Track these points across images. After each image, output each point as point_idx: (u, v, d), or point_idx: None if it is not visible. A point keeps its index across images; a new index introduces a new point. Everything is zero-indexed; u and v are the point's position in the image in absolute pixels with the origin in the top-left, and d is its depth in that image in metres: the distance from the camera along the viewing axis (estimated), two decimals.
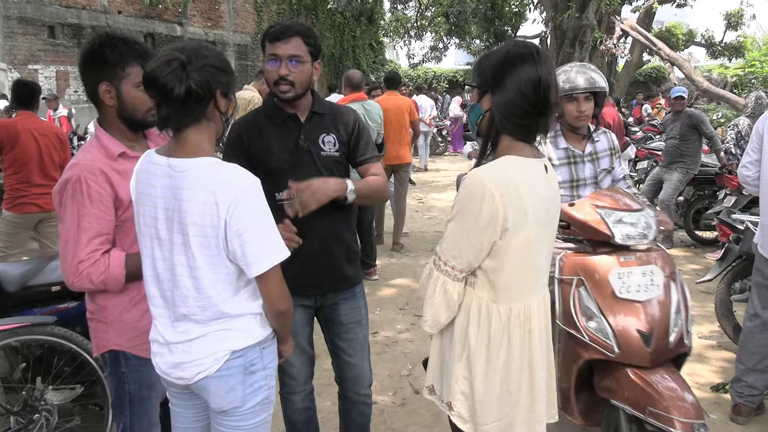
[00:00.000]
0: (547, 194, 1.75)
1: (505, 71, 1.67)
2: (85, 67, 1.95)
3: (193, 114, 1.59)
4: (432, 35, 20.95)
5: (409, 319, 4.75)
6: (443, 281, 1.72)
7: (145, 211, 1.68)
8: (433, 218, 8.52)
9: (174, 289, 1.66)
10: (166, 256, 1.66)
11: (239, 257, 1.62)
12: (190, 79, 1.53)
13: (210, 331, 1.68)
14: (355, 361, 2.45)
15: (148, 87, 1.55)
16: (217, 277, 1.65)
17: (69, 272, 1.86)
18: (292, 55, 2.13)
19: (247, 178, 1.63)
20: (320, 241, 2.24)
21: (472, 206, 1.65)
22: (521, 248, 1.69)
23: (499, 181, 1.64)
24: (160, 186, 1.63)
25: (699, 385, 3.69)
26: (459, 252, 1.69)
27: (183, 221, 1.59)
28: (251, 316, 1.73)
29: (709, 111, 13.28)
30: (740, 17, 20.86)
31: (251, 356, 1.72)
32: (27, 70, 13.85)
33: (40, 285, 2.87)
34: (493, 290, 1.72)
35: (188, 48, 1.59)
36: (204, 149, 1.64)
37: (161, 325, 1.73)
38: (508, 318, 1.72)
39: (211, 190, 1.57)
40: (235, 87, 1.74)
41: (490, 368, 1.73)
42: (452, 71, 28.68)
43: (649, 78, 25.45)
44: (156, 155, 1.67)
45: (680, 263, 6.33)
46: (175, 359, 1.70)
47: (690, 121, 6.58)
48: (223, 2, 19.52)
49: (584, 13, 11.38)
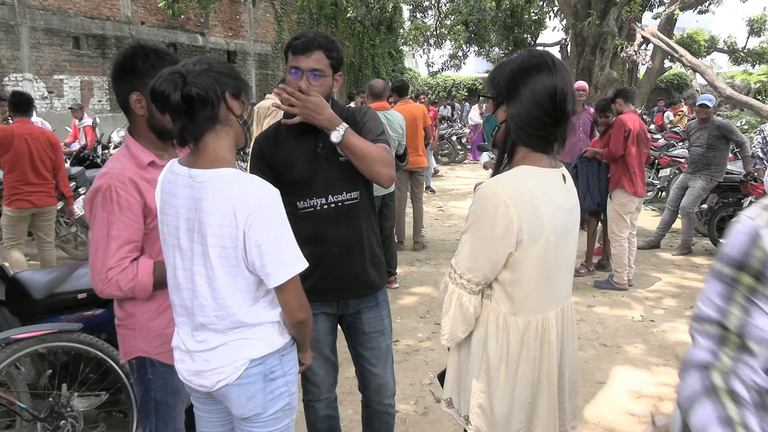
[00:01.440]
0: (565, 204, 1.72)
1: (520, 82, 1.63)
2: (117, 77, 1.98)
3: (201, 119, 1.60)
4: (451, 43, 20.94)
5: (430, 327, 4.74)
6: (459, 294, 1.69)
7: (168, 221, 1.70)
8: (453, 226, 8.50)
9: (193, 299, 1.68)
10: (186, 266, 1.68)
11: (258, 268, 1.63)
12: (189, 85, 1.54)
13: (228, 341, 1.70)
14: (377, 370, 2.45)
15: (153, 101, 1.58)
16: (236, 288, 1.66)
17: (98, 279, 1.88)
18: (314, 69, 2.14)
19: (266, 189, 1.64)
20: (340, 248, 2.25)
21: (486, 217, 1.62)
22: (538, 260, 1.66)
23: (513, 191, 1.60)
24: (182, 196, 1.65)
25: None
26: (474, 264, 1.66)
27: (203, 232, 1.61)
28: (270, 325, 1.74)
29: (733, 118, 13.13)
30: (763, 23, 20.61)
31: (271, 364, 1.73)
32: (52, 81, 14.12)
33: (67, 292, 2.91)
34: (511, 303, 1.69)
35: (191, 61, 1.62)
36: (224, 159, 1.65)
37: (183, 333, 1.76)
38: (525, 331, 1.69)
39: (230, 202, 1.58)
40: (249, 92, 1.74)
41: (508, 381, 1.70)
42: (471, 79, 28.69)
43: (671, 85, 25.24)
44: (178, 165, 1.70)
45: (704, 272, 6.23)
46: (196, 367, 1.72)
47: (719, 132, 6.50)
48: (244, 12, 19.74)
49: (605, 20, 11.28)
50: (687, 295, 5.53)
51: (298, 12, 21.00)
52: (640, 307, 5.23)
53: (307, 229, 2.16)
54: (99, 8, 15.06)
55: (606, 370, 3.97)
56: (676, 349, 4.32)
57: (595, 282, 5.85)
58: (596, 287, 5.75)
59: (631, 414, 3.44)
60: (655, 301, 5.39)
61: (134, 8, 15.98)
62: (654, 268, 6.37)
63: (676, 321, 4.88)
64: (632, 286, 5.71)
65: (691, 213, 6.70)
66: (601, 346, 4.37)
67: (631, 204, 5.59)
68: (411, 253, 6.96)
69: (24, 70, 13.47)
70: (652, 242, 7.13)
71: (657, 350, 4.31)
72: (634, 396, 3.64)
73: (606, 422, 3.35)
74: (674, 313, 5.07)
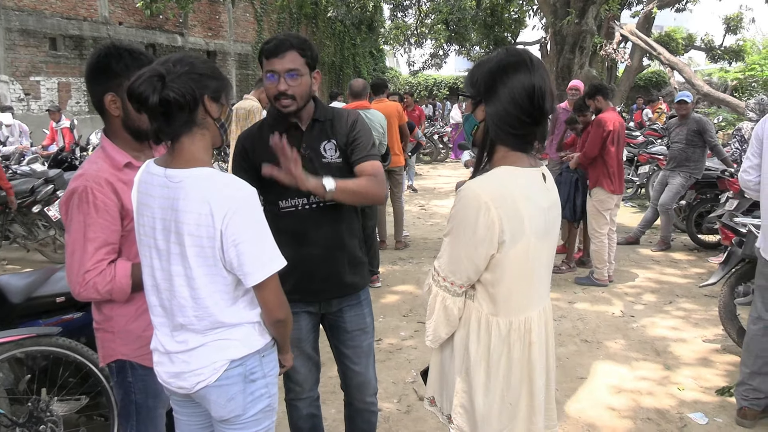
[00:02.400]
0: (545, 204, 1.71)
1: (498, 80, 1.62)
2: (91, 78, 1.96)
3: (179, 122, 1.59)
4: (432, 42, 20.99)
5: (413, 326, 4.75)
6: (443, 297, 1.69)
7: (144, 221, 1.69)
8: (436, 225, 8.52)
9: (172, 299, 1.67)
10: (164, 266, 1.67)
11: (236, 267, 1.62)
12: (167, 89, 1.53)
13: (208, 341, 1.69)
14: (359, 368, 2.45)
15: (130, 101, 1.57)
16: (215, 287, 1.65)
17: (75, 282, 1.87)
18: (289, 69, 2.13)
19: (242, 188, 1.64)
20: (321, 248, 2.25)
21: (467, 219, 1.61)
22: (520, 260, 1.66)
23: (494, 192, 1.60)
24: (158, 196, 1.64)
25: (704, 389, 3.68)
26: (457, 267, 1.66)
27: (180, 231, 1.60)
28: (249, 325, 1.74)
29: (710, 115, 13.30)
30: (739, 21, 20.91)
31: (251, 365, 1.73)
32: (29, 82, 13.92)
33: (45, 296, 2.87)
34: (493, 303, 1.69)
35: (170, 60, 1.60)
36: (200, 159, 1.64)
37: (161, 335, 1.74)
38: (508, 331, 1.69)
39: (206, 201, 1.57)
40: (230, 92, 1.73)
41: (490, 381, 1.71)
42: (453, 78, 28.76)
43: (650, 82, 25.50)
44: (154, 165, 1.69)
45: (683, 267, 6.33)
46: (175, 369, 1.71)
47: (697, 126, 6.59)
48: (223, 12, 19.61)
49: (584, 19, 11.38)
50: (666, 290, 5.60)
51: (278, 12, 20.93)
52: (620, 302, 5.29)
53: (288, 229, 2.16)
54: (76, 9, 14.88)
55: (587, 366, 4.01)
56: (656, 344, 4.37)
57: (576, 279, 5.90)
58: (577, 284, 5.80)
59: (611, 408, 3.48)
60: (635, 296, 5.45)
61: (112, 8, 15.81)
62: (634, 264, 6.44)
63: (656, 316, 4.94)
64: (612, 282, 5.78)
65: (669, 209, 6.79)
66: (581, 342, 4.41)
67: (610, 201, 5.65)
68: (393, 252, 6.98)
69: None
70: (631, 239, 7.21)
71: (637, 345, 4.36)
72: (615, 390, 3.69)
73: (587, 417, 3.38)
74: (653, 308, 5.14)
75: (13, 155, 8.81)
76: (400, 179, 7.03)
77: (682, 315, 4.97)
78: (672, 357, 4.16)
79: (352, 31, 23.39)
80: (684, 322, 4.80)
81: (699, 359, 4.12)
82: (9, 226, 6.71)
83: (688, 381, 3.80)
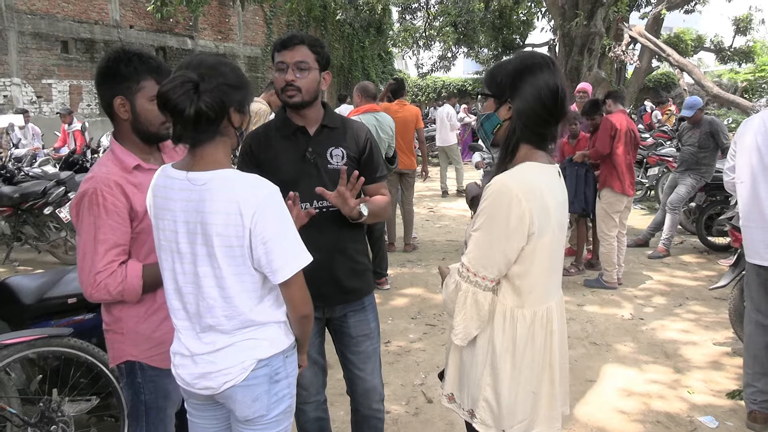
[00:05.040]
0: (562, 198, 1.80)
1: (525, 80, 1.69)
2: (101, 81, 1.98)
3: (206, 132, 1.62)
4: (440, 45, 21.01)
5: (422, 328, 4.75)
6: (473, 292, 1.71)
7: (164, 226, 1.69)
8: (444, 227, 8.52)
9: (199, 301, 1.68)
10: (187, 270, 1.67)
11: (264, 265, 1.64)
12: (201, 101, 1.55)
13: (236, 341, 1.70)
14: (365, 374, 2.45)
15: (162, 106, 1.58)
16: (243, 286, 1.67)
17: (87, 283, 1.88)
18: (299, 61, 2.16)
19: (268, 186, 1.66)
20: (324, 253, 2.23)
21: (500, 213, 1.65)
22: (545, 252, 1.72)
23: (523, 186, 1.65)
24: (179, 200, 1.65)
25: (714, 392, 3.66)
26: (489, 261, 1.69)
27: (207, 233, 1.61)
28: (276, 325, 1.75)
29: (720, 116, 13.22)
30: (749, 22, 20.80)
31: (276, 365, 1.74)
32: (41, 85, 14.06)
33: (57, 297, 2.90)
34: (518, 296, 1.73)
35: (204, 65, 1.61)
36: (221, 162, 1.66)
37: (186, 338, 1.74)
38: (532, 321, 1.74)
39: (234, 200, 1.59)
40: (251, 100, 1.76)
41: (515, 372, 1.74)
42: (461, 80, 28.74)
43: (659, 84, 25.37)
44: (173, 170, 1.70)
45: (693, 269, 6.30)
46: (200, 370, 1.71)
47: (710, 128, 6.53)
48: (233, 15, 19.71)
49: (592, 21, 11.36)
50: (676, 293, 5.58)
51: (287, 15, 21.00)
52: (629, 305, 5.27)
53: None
54: (87, 12, 15.01)
55: (596, 369, 4.00)
56: (665, 347, 4.35)
57: (585, 281, 5.88)
58: (586, 286, 5.78)
59: (621, 412, 3.46)
60: (645, 299, 5.43)
61: (123, 12, 15.93)
62: (643, 267, 6.42)
63: (666, 319, 4.91)
64: (622, 285, 5.75)
65: (677, 209, 6.73)
66: (591, 345, 4.40)
67: (619, 203, 5.63)
68: (402, 254, 6.98)
69: (12, 74, 13.39)
70: (640, 241, 7.18)
71: (646, 348, 4.34)
72: (624, 394, 3.67)
73: (596, 420, 3.37)
74: (663, 311, 5.11)
75: (25, 157, 8.89)
76: (412, 182, 7.02)
77: (693, 318, 4.94)
78: (682, 360, 4.14)
79: (360, 34, 23.43)
80: (694, 325, 4.77)
81: (709, 362, 4.10)
82: (21, 227, 6.77)
83: (699, 384, 3.78)
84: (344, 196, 2.09)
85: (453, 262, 1.91)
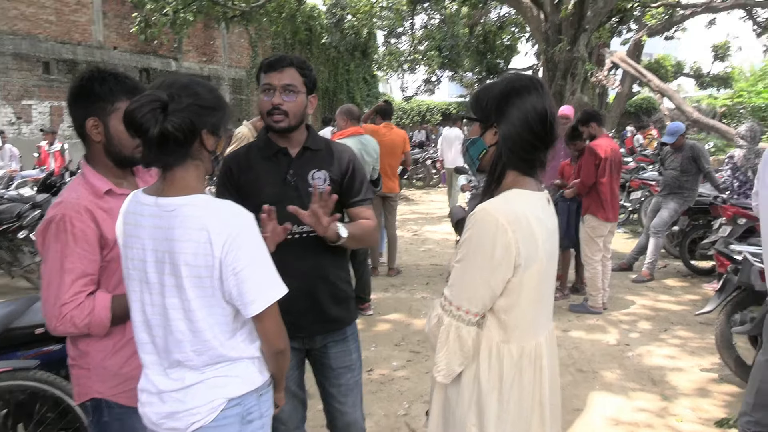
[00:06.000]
0: (552, 227, 1.71)
1: (511, 103, 1.60)
2: (74, 102, 1.90)
3: (174, 155, 1.53)
4: (425, 68, 21.18)
5: (405, 355, 4.65)
6: (456, 326, 1.62)
7: (133, 254, 1.60)
8: (428, 251, 8.45)
9: (167, 335, 1.58)
10: (155, 301, 1.58)
11: (235, 297, 1.54)
12: (168, 122, 1.46)
13: (206, 378, 1.59)
14: (346, 408, 2.36)
15: (127, 126, 1.49)
16: (213, 319, 1.57)
17: (51, 315, 1.78)
18: (287, 85, 2.10)
19: (241, 214, 1.57)
20: (304, 281, 2.16)
21: (485, 243, 1.56)
22: (533, 284, 1.62)
23: (509, 215, 1.56)
24: (148, 227, 1.56)
25: (703, 420, 3.59)
26: (473, 294, 1.60)
27: (175, 262, 1.52)
28: (249, 360, 1.65)
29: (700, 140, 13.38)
30: (726, 49, 21.24)
31: (249, 404, 1.64)
32: (21, 106, 13.88)
33: (24, 327, 2.77)
34: (504, 330, 1.64)
35: (177, 85, 1.53)
36: (193, 187, 1.57)
37: (153, 374, 1.63)
38: (519, 358, 1.64)
39: (204, 228, 1.50)
40: (228, 123, 1.68)
41: (502, 411, 1.64)
42: (445, 104, 28.92)
43: (640, 109, 25.70)
44: (143, 195, 1.61)
45: (677, 294, 6.28)
46: (167, 409, 1.60)
47: (691, 153, 6.57)
48: (218, 37, 19.70)
49: (575, 46, 11.50)
50: (661, 317, 5.54)
51: (273, 37, 21.04)
52: (615, 330, 5.22)
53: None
54: (70, 33, 14.90)
55: (583, 397, 3.93)
56: (652, 374, 4.29)
57: (570, 306, 5.83)
58: (571, 311, 5.73)
59: None
60: (630, 324, 5.38)
61: (106, 33, 15.85)
62: (628, 291, 6.39)
63: (651, 344, 4.86)
64: (607, 310, 5.70)
65: (660, 233, 6.73)
66: (577, 372, 4.33)
67: (603, 228, 5.60)
68: (385, 278, 6.88)
69: None
70: (624, 265, 7.16)
71: (633, 375, 4.28)
72: (612, 423, 3.59)
73: None
74: (649, 336, 5.06)
75: (2, 179, 8.71)
76: (395, 205, 6.97)
77: (678, 343, 4.89)
78: (669, 387, 4.08)
79: (346, 57, 23.53)
80: (680, 351, 4.72)
81: (697, 389, 4.04)
82: None
83: (687, 412, 3.72)
84: (317, 214, 1.99)
85: (437, 286, 1.83)
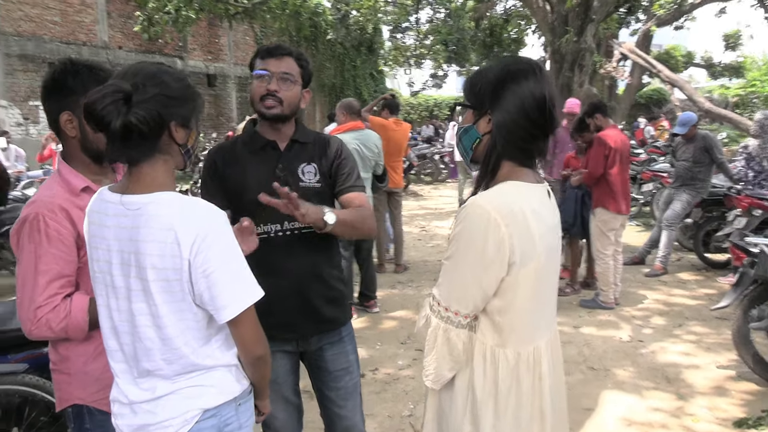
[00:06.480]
0: (552, 222, 1.56)
1: (507, 89, 1.46)
2: (47, 96, 1.80)
3: (139, 149, 1.41)
4: (432, 63, 21.02)
5: (411, 354, 4.54)
6: (445, 329, 1.49)
7: (98, 256, 1.49)
8: (437, 246, 8.33)
9: (135, 342, 1.47)
10: (122, 306, 1.47)
11: (207, 301, 1.43)
12: (131, 114, 1.35)
13: (179, 388, 1.49)
14: (344, 412, 2.24)
15: (87, 118, 1.37)
16: (185, 325, 1.46)
17: (26, 319, 1.68)
18: (285, 73, 2.02)
19: (211, 212, 1.45)
20: (296, 280, 2.06)
21: (475, 239, 1.43)
22: (529, 283, 1.48)
23: (503, 208, 1.42)
24: (113, 227, 1.45)
25: (720, 421, 3.46)
26: (463, 294, 1.47)
27: (141, 265, 1.40)
28: (225, 369, 1.54)
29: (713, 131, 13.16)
30: (738, 38, 20.92)
31: (226, 415, 1.53)
32: (28, 107, 13.89)
33: (14, 330, 2.68)
34: (499, 334, 1.51)
35: (142, 74, 1.41)
36: (162, 183, 1.46)
37: (123, 383, 1.53)
38: (516, 363, 1.51)
39: (171, 228, 1.38)
40: (200, 115, 1.55)
41: (498, 420, 1.51)
42: (453, 98, 28.72)
43: (650, 100, 25.40)
44: (109, 193, 1.49)
45: (691, 288, 6.12)
46: (138, 421, 1.50)
47: (704, 143, 6.41)
48: (223, 35, 19.67)
49: (582, 37, 11.32)
50: (675, 312, 5.39)
51: (278, 34, 20.94)
52: (627, 326, 5.08)
53: (259, 258, 1.97)
54: (75, 33, 14.90)
55: (594, 396, 3.80)
56: (667, 371, 4.15)
57: (581, 301, 5.69)
58: (582, 307, 5.59)
59: None
60: (643, 320, 5.24)
61: (111, 33, 15.84)
62: (640, 285, 6.23)
63: (665, 341, 4.72)
64: (619, 305, 5.56)
65: (673, 226, 6.58)
66: (588, 370, 4.20)
67: (614, 221, 5.46)
68: (392, 275, 6.78)
69: None
70: (636, 259, 7.01)
71: (647, 372, 4.14)
72: (625, 423, 3.47)
73: None
74: (663, 332, 4.92)
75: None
76: (400, 200, 6.86)
77: (694, 339, 4.75)
78: (685, 385, 3.94)
79: (351, 53, 23.39)
80: (696, 347, 4.58)
81: (713, 387, 3.90)
82: None
83: (703, 411, 3.58)
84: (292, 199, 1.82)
85: None
